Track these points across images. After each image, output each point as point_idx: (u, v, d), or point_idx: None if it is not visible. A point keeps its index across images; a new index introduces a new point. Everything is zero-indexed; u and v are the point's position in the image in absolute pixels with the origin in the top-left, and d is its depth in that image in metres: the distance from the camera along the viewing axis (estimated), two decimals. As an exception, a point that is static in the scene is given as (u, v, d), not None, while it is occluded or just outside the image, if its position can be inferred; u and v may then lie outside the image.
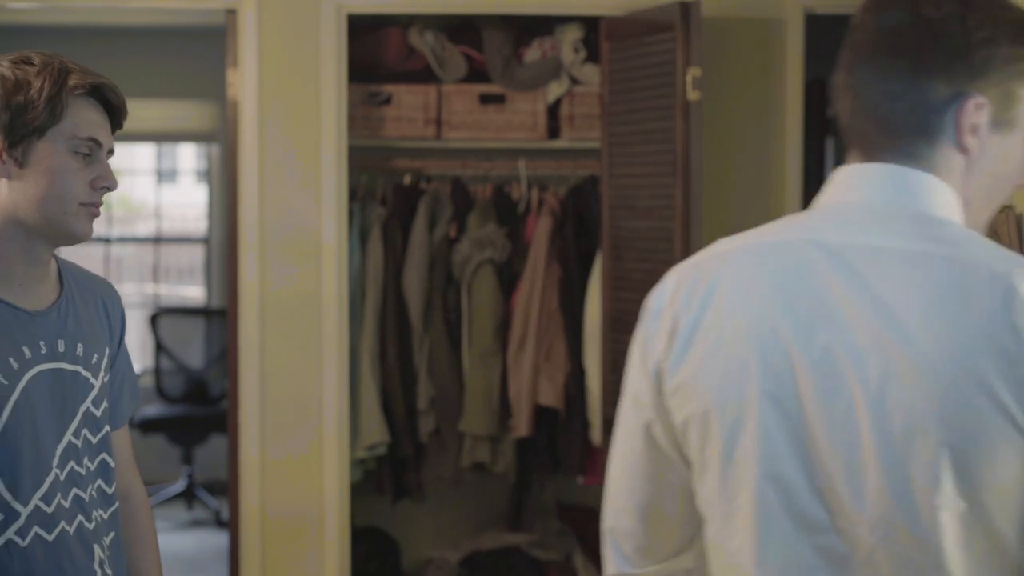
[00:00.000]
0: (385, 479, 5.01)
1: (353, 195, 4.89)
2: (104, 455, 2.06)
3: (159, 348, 7.20)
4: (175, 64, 7.48)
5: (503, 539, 5.14)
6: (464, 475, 5.02)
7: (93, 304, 2.10)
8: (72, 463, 1.99)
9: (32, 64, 1.95)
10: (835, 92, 1.53)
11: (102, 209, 1.98)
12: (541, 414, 4.95)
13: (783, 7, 4.63)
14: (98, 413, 2.05)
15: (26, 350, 1.94)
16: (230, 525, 4.66)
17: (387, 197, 5.02)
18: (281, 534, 4.60)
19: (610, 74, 4.53)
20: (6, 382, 1.90)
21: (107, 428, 2.07)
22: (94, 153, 1.97)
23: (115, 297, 2.17)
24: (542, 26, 5.03)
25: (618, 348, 4.50)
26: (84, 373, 2.03)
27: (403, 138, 4.94)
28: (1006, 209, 3.26)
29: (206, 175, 8.06)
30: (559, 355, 4.90)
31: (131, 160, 8.84)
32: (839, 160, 6.49)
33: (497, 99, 4.96)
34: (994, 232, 3.26)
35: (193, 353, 7.34)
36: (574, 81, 4.98)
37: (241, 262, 4.50)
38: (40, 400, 1.95)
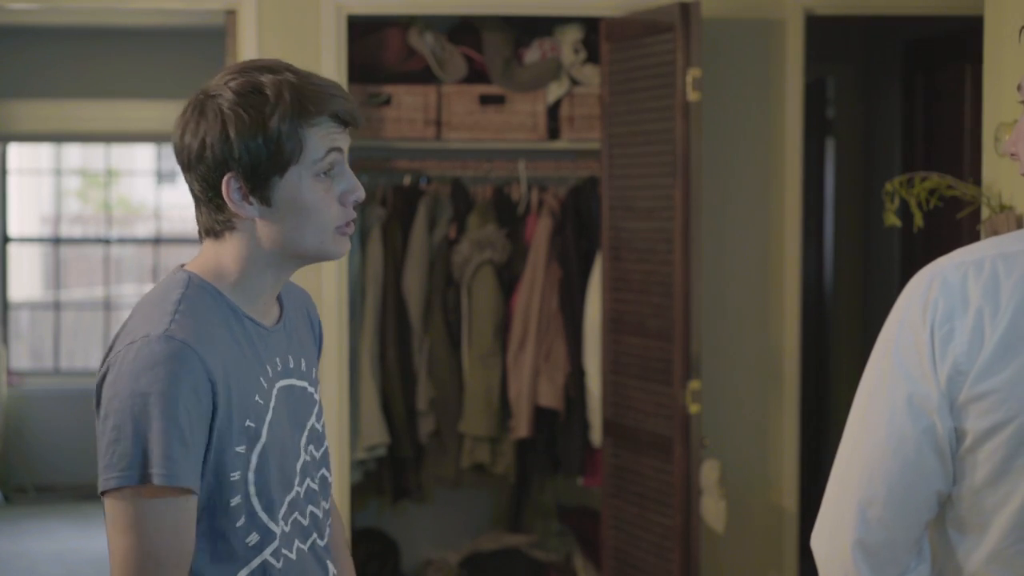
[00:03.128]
0: (385, 480, 5.01)
1: (353, 196, 4.89)
2: (324, 470, 2.02)
3: (159, 349, 7.19)
4: (175, 64, 7.47)
5: (503, 540, 5.14)
6: (464, 476, 5.02)
7: (302, 316, 2.06)
8: (308, 480, 1.97)
9: (263, 93, 1.83)
10: None
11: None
12: (541, 415, 4.95)
13: (783, 7, 4.63)
14: (320, 428, 2.02)
15: (269, 368, 1.91)
16: (230, 526, 4.65)
17: (387, 198, 5.02)
18: (281, 535, 4.60)
19: (610, 75, 4.52)
20: (262, 401, 1.88)
21: (326, 443, 2.04)
22: (336, 166, 1.88)
23: (315, 307, 2.13)
24: (542, 27, 5.03)
25: (618, 349, 4.50)
26: (309, 389, 2.00)
27: (403, 139, 4.94)
28: (1006, 209, 3.25)
29: (206, 176, 8.04)
30: (559, 356, 4.90)
31: (131, 160, 8.84)
32: (839, 160, 6.53)
33: (497, 100, 4.96)
34: (995, 232, 3.26)
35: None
36: (574, 82, 4.98)
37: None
38: (284, 417, 1.92)
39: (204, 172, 1.86)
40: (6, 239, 7.88)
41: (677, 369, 4.19)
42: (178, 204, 9.19)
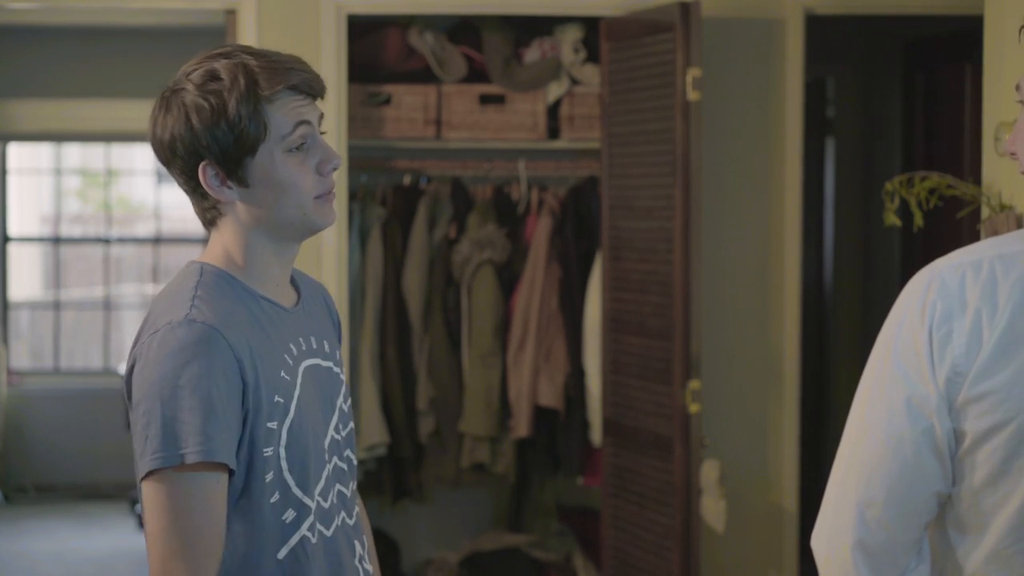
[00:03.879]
0: (385, 480, 5.01)
1: (353, 195, 4.89)
2: (349, 451, 2.07)
3: (159, 348, 7.20)
4: (175, 64, 7.39)
5: (503, 539, 5.14)
6: (464, 476, 5.02)
7: (320, 304, 2.11)
8: (336, 458, 2.01)
9: (219, 79, 1.89)
10: None
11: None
12: (541, 414, 4.95)
13: (783, 7, 4.63)
14: (346, 408, 2.07)
15: (293, 346, 1.95)
16: (230, 525, 4.66)
17: (387, 197, 5.02)
18: (281, 534, 4.60)
19: (610, 74, 4.52)
20: (289, 378, 1.92)
21: (351, 424, 2.08)
22: (308, 139, 1.92)
23: (331, 299, 2.18)
24: (542, 26, 5.03)
25: (618, 348, 4.50)
26: (335, 369, 2.05)
27: (403, 138, 4.94)
28: (1006, 208, 3.25)
29: (206, 175, 8.04)
30: (559, 355, 4.90)
31: (131, 160, 8.84)
32: (839, 160, 6.52)
33: (497, 99, 4.96)
34: (995, 232, 3.26)
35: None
36: (574, 81, 4.98)
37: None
38: (312, 395, 1.96)
39: (180, 165, 1.92)
40: (6, 239, 7.88)
41: (677, 369, 4.19)
42: (178, 204, 9.19)
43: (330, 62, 4.41)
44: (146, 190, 8.85)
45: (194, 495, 1.80)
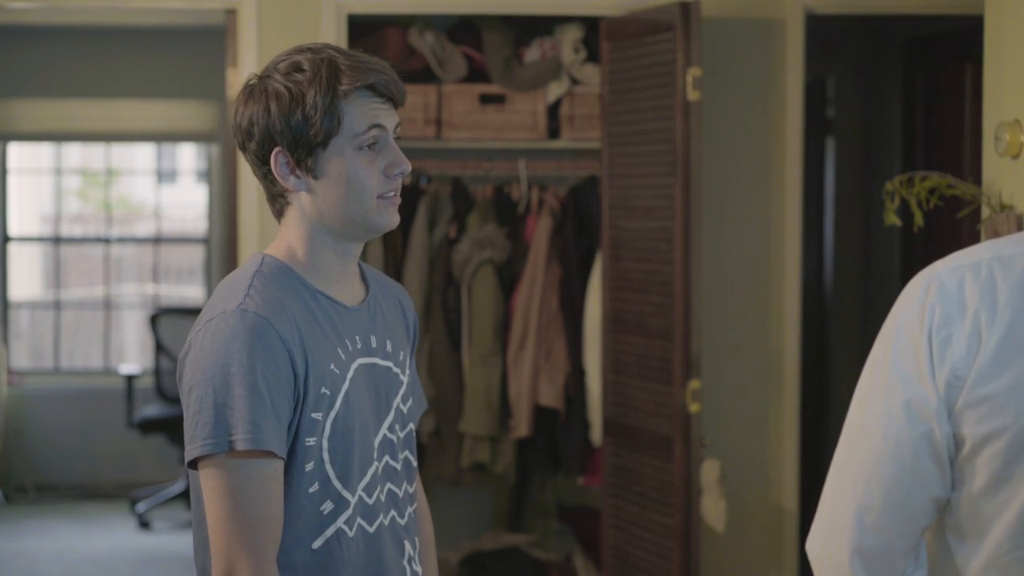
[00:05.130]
0: (385, 479, 5.01)
1: (353, 195, 4.89)
2: (407, 453, 2.08)
3: (159, 348, 7.20)
4: (175, 64, 7.48)
5: (503, 539, 5.14)
6: (464, 475, 5.02)
7: (393, 304, 2.13)
8: (387, 457, 2.02)
9: (303, 71, 1.93)
10: None
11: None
12: (541, 414, 4.95)
13: (783, 7, 4.63)
14: (405, 410, 2.08)
15: (348, 343, 1.99)
16: (230, 525, 4.65)
17: (387, 197, 5.02)
18: (281, 534, 4.60)
19: (610, 74, 4.52)
20: (338, 371, 1.95)
21: (411, 426, 2.10)
22: (380, 140, 1.96)
23: (410, 301, 2.20)
24: (542, 26, 5.03)
25: (618, 348, 4.50)
26: (395, 369, 2.07)
27: (403, 138, 4.92)
28: (1006, 208, 3.25)
29: (206, 175, 8.06)
30: (559, 355, 4.90)
31: (131, 160, 8.84)
32: (839, 160, 6.51)
33: (497, 99, 4.96)
34: (995, 232, 3.26)
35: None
36: (574, 81, 4.98)
37: (241, 262, 4.50)
38: (363, 392, 1.99)
39: (255, 149, 1.97)
40: (6, 238, 7.88)
41: (677, 368, 4.19)
42: (178, 204, 9.19)
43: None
44: (146, 190, 8.84)
45: (252, 482, 1.85)
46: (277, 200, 2.01)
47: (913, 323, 1.52)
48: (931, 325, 1.50)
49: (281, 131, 1.93)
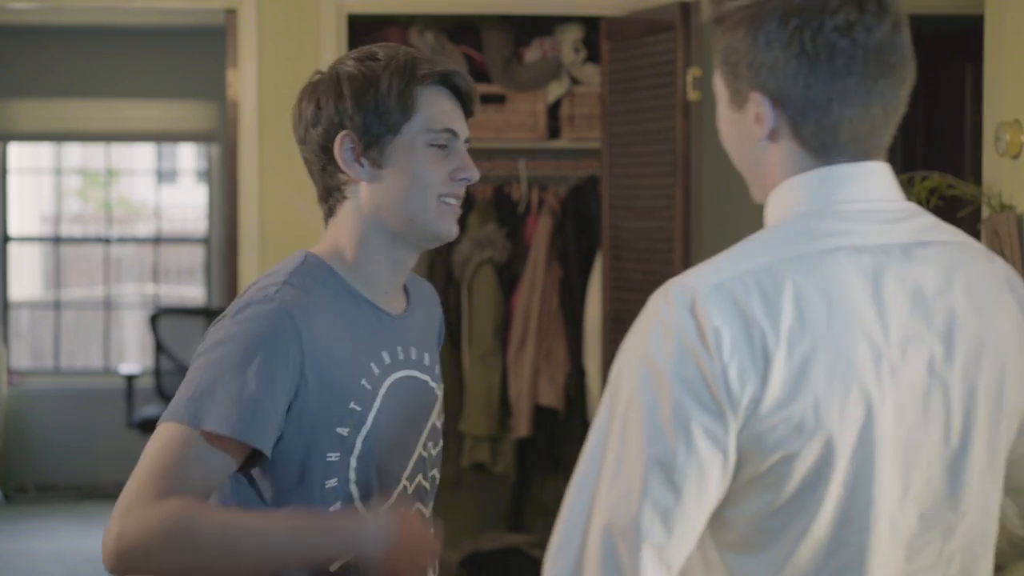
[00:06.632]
0: (385, 479, 5.01)
1: (353, 195, 4.89)
2: (435, 471, 2.01)
3: (159, 348, 7.20)
4: (175, 64, 7.48)
5: (503, 539, 5.14)
6: (464, 475, 5.02)
7: (427, 311, 2.05)
8: (420, 476, 1.95)
9: (377, 59, 1.87)
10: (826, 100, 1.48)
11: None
12: (541, 414, 4.95)
13: (783, 7, 4.62)
14: (439, 426, 2.00)
15: (386, 355, 1.90)
16: (230, 525, 4.66)
17: (387, 197, 5.02)
18: (281, 534, 4.60)
19: (610, 74, 4.52)
20: (370, 387, 1.87)
21: (441, 443, 2.02)
22: (451, 144, 1.89)
23: (439, 303, 2.12)
24: (542, 26, 5.03)
25: (618, 348, 4.50)
26: (432, 383, 1.98)
27: (403, 138, 4.94)
28: (1006, 208, 3.26)
29: (206, 175, 8.06)
30: (559, 355, 4.90)
31: (131, 160, 8.84)
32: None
33: (497, 99, 4.96)
34: (995, 232, 3.26)
35: (193, 353, 7.33)
36: (574, 81, 4.98)
37: (241, 262, 4.50)
38: (398, 408, 1.90)
39: (319, 137, 1.88)
40: (6, 238, 7.88)
41: (677, 369, 4.19)
42: (178, 204, 9.19)
43: (330, 61, 4.41)
44: (146, 190, 8.84)
45: (199, 460, 1.74)
46: (332, 195, 1.91)
47: (693, 346, 1.40)
48: (718, 348, 1.39)
49: (351, 114, 1.85)
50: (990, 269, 1.56)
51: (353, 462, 1.84)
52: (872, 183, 1.52)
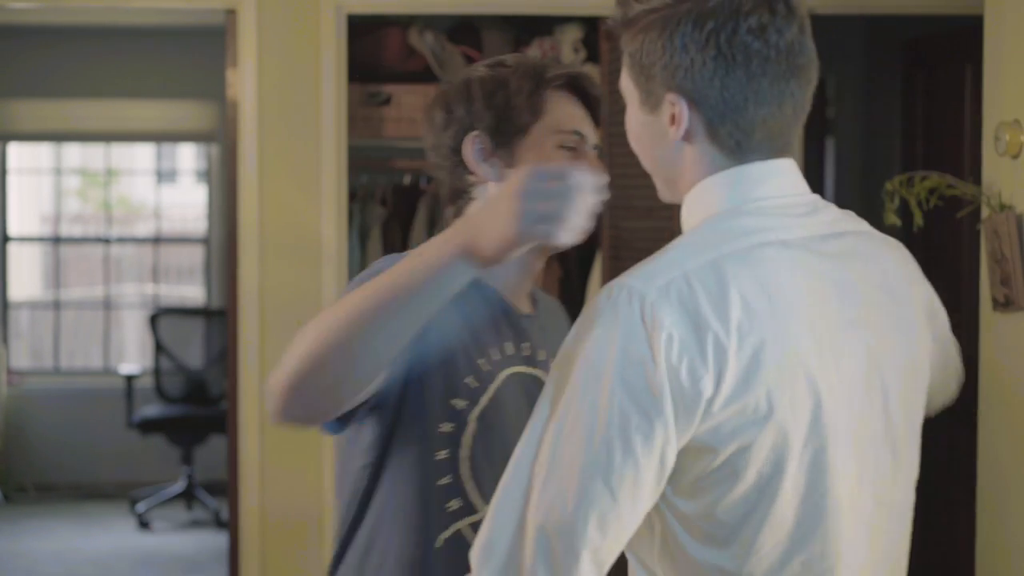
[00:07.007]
0: (385, 479, 5.01)
1: (353, 195, 4.89)
2: None
3: (159, 348, 7.20)
4: (175, 64, 7.48)
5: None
6: (464, 475, 5.01)
7: (556, 322, 2.06)
8: None
9: (506, 65, 1.91)
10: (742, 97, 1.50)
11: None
12: (541, 414, 4.95)
13: (783, 7, 4.62)
14: None
15: (508, 346, 1.91)
16: (230, 525, 4.66)
17: (387, 197, 5.02)
18: (281, 534, 4.60)
19: (610, 74, 4.52)
20: (488, 368, 1.88)
21: None
22: (579, 148, 1.92)
23: (568, 322, 2.07)
24: (542, 26, 5.03)
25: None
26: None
27: (403, 138, 4.94)
28: (1006, 208, 3.26)
29: (206, 175, 8.06)
30: (559, 355, 4.90)
31: (131, 160, 8.84)
32: (839, 160, 6.49)
33: (497, 99, 4.96)
34: (995, 232, 3.26)
35: (193, 353, 7.34)
36: (574, 81, 4.98)
37: (241, 262, 4.50)
38: (516, 399, 1.89)
39: (449, 137, 1.90)
40: (6, 238, 7.88)
41: (677, 369, 4.19)
42: (178, 204, 9.19)
43: (330, 62, 4.40)
44: (146, 190, 8.84)
45: None
46: (460, 197, 1.93)
47: (640, 351, 1.40)
48: (667, 352, 1.39)
49: (481, 114, 1.88)
50: (899, 255, 1.64)
51: (467, 439, 1.85)
52: (785, 179, 1.55)
